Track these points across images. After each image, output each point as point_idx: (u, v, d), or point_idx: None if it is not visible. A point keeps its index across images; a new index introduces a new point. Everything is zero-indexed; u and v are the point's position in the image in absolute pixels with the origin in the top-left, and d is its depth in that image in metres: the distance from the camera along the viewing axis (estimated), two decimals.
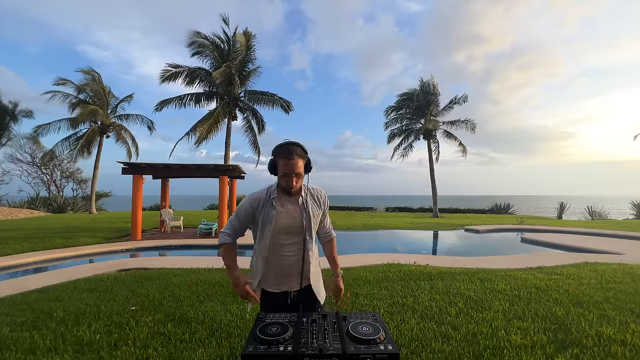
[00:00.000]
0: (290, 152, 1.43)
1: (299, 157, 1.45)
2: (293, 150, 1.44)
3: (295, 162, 1.44)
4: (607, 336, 2.63)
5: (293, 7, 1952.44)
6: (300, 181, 1.52)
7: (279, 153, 1.46)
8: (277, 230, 1.51)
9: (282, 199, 1.55)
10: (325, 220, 1.71)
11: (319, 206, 1.62)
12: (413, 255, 6.56)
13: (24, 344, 2.57)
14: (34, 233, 9.70)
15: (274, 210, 1.50)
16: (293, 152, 1.44)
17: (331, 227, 1.76)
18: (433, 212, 19.73)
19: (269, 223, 1.50)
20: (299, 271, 1.54)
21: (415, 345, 2.52)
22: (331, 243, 1.75)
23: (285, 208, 1.53)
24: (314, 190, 1.64)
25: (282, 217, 1.51)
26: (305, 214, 1.54)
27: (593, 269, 5.09)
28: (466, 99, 19.76)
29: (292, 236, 1.53)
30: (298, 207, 1.55)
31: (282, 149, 1.46)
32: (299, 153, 1.46)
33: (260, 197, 1.55)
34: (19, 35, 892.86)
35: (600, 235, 10.28)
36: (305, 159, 1.51)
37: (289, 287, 1.54)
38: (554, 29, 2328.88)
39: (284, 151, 1.44)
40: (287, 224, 1.52)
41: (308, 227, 1.53)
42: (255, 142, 17.25)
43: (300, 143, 1.49)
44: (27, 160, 28.72)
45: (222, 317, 3.11)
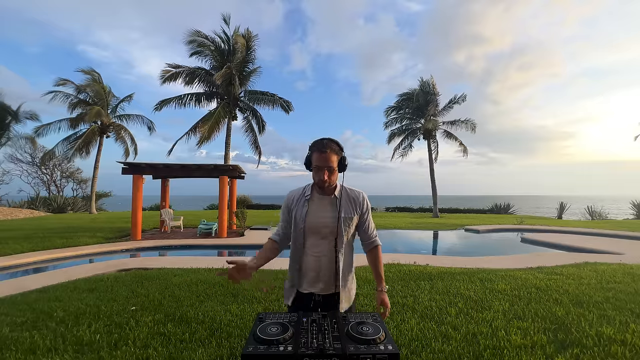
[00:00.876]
0: (324, 145, 1.44)
1: (332, 152, 1.44)
2: (327, 144, 1.45)
3: (328, 155, 1.43)
4: (607, 336, 2.63)
5: (293, 6, 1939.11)
6: (334, 177, 1.48)
7: (314, 146, 1.46)
8: (307, 229, 1.48)
9: (315, 197, 1.52)
10: (367, 225, 1.59)
11: (355, 208, 1.53)
12: (413, 255, 6.56)
13: (24, 344, 2.57)
14: (34, 233, 9.70)
15: (305, 207, 1.49)
16: (327, 146, 1.44)
17: (375, 233, 1.62)
18: (433, 212, 19.73)
19: (301, 221, 1.48)
20: (326, 275, 1.48)
21: (415, 345, 2.52)
22: (375, 252, 1.60)
23: (317, 207, 1.50)
24: (352, 192, 1.56)
25: (312, 215, 1.48)
26: (335, 214, 1.48)
27: (593, 269, 5.09)
28: (465, 99, 19.77)
29: (322, 237, 1.48)
30: (330, 207, 1.51)
31: (317, 142, 1.47)
32: (334, 148, 1.45)
33: (296, 194, 1.55)
34: (19, 35, 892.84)
35: (600, 235, 10.28)
36: (340, 155, 1.48)
37: (314, 289, 1.49)
38: (554, 29, 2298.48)
39: (319, 144, 1.45)
40: (317, 224, 1.48)
41: (339, 228, 1.47)
42: (255, 142, 17.25)
43: (337, 140, 1.49)
44: (27, 160, 28.75)
45: (222, 317, 3.11)
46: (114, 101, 21.70)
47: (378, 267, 1.59)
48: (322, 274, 1.48)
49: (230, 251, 8.57)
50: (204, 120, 15.13)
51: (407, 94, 20.80)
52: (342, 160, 1.49)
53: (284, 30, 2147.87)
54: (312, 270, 1.49)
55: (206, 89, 16.18)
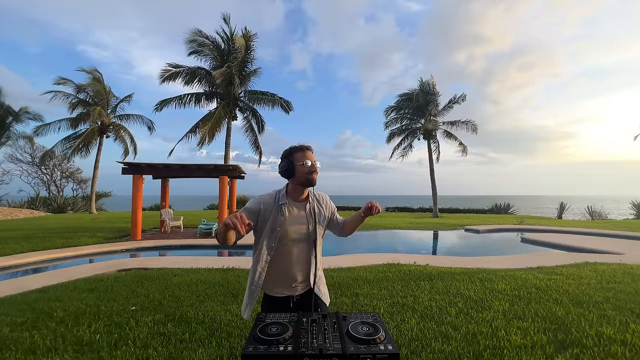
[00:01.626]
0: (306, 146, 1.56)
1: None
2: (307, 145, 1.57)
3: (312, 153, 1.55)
4: (607, 336, 2.63)
5: (294, 6, 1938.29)
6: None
7: (296, 149, 1.55)
8: (285, 236, 1.50)
9: (290, 204, 1.56)
10: (335, 216, 1.73)
11: (325, 210, 1.66)
12: (413, 255, 6.56)
13: (24, 344, 2.57)
14: (34, 233, 9.70)
15: (282, 216, 1.51)
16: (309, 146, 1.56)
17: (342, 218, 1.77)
18: (433, 212, 19.73)
19: (277, 228, 1.49)
20: (303, 276, 1.54)
21: (415, 345, 2.52)
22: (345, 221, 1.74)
23: (293, 214, 1.54)
24: (319, 196, 1.68)
25: (290, 223, 1.51)
26: (312, 220, 1.56)
27: (593, 269, 5.09)
28: (465, 98, 19.75)
29: (299, 242, 1.53)
30: (306, 213, 1.57)
31: (298, 145, 1.56)
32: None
33: (270, 201, 1.55)
34: (19, 35, 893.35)
35: (600, 235, 10.28)
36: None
37: (292, 292, 1.54)
38: (555, 29, 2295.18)
39: (301, 146, 1.55)
40: (295, 231, 1.52)
41: (315, 234, 1.55)
42: (255, 142, 17.26)
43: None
44: (27, 160, 28.76)
45: (222, 317, 3.11)
46: (114, 101, 21.71)
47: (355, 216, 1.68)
48: (297, 276, 1.53)
49: (230, 251, 8.57)
50: (204, 120, 15.13)
51: (407, 94, 20.79)
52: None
53: (285, 30, 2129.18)
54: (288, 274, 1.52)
55: (206, 89, 16.19)
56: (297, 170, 1.52)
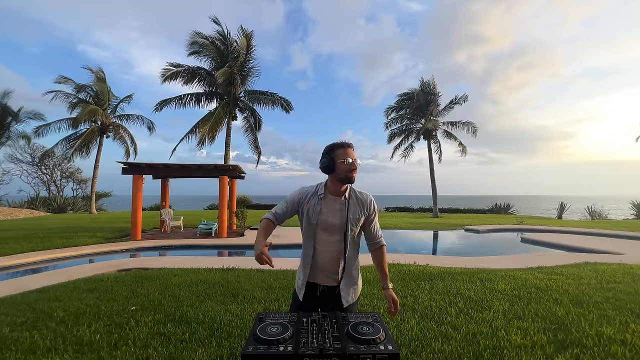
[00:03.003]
0: (348, 143, 1.58)
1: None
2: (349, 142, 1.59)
3: (353, 150, 1.57)
4: (607, 336, 2.63)
5: (294, 6, 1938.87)
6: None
7: (338, 146, 1.57)
8: (320, 224, 1.57)
9: (327, 197, 1.61)
10: (373, 226, 1.68)
11: (362, 210, 1.62)
12: (413, 255, 6.55)
13: (24, 344, 2.57)
14: (34, 233, 9.70)
15: (318, 207, 1.58)
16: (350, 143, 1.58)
17: (380, 234, 1.72)
18: (433, 212, 19.72)
19: (313, 218, 1.57)
20: (332, 268, 1.59)
21: (415, 345, 2.52)
22: (380, 251, 1.70)
23: (328, 206, 1.59)
24: (361, 194, 1.66)
25: (324, 214, 1.57)
26: (345, 214, 1.57)
27: (593, 269, 5.09)
28: (466, 99, 19.71)
29: (332, 235, 1.58)
30: (341, 207, 1.59)
31: (340, 142, 1.58)
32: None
33: (309, 191, 1.63)
34: (19, 35, 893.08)
35: (600, 235, 10.28)
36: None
37: (320, 280, 1.60)
38: (555, 29, 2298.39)
39: (342, 142, 1.58)
40: (328, 222, 1.57)
41: (346, 227, 1.56)
42: (255, 142, 17.25)
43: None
44: (27, 160, 28.75)
45: (222, 317, 3.11)
46: (114, 101, 21.71)
47: (383, 266, 1.69)
48: (328, 267, 1.59)
49: (230, 251, 8.57)
50: (204, 120, 15.12)
51: (407, 94, 20.78)
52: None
53: (285, 30, 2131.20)
54: (320, 263, 1.60)
55: (206, 89, 16.19)
56: (337, 167, 1.55)
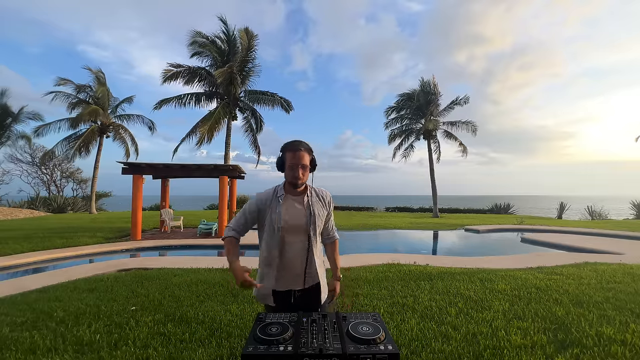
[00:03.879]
0: (296, 145, 1.55)
1: (305, 151, 1.55)
2: (299, 143, 1.56)
3: (302, 154, 1.54)
4: (607, 336, 2.63)
5: (295, 6, 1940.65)
6: (306, 175, 1.58)
7: (287, 147, 1.57)
8: (284, 228, 1.54)
9: (288, 198, 1.59)
10: (330, 221, 1.73)
11: (324, 206, 1.66)
12: (413, 255, 6.55)
13: (24, 344, 2.57)
14: (34, 233, 9.70)
15: (279, 209, 1.55)
16: (299, 145, 1.55)
17: (335, 229, 1.79)
18: (433, 212, 19.72)
19: (277, 221, 1.54)
20: (303, 270, 1.57)
21: (415, 345, 2.52)
22: (334, 245, 1.77)
23: (291, 206, 1.58)
24: (320, 191, 1.69)
25: (289, 215, 1.55)
26: (310, 212, 1.58)
27: (593, 269, 5.09)
28: (467, 101, 19.70)
29: (297, 235, 1.56)
30: (304, 206, 1.59)
31: (289, 143, 1.57)
32: (305, 147, 1.57)
33: (268, 196, 1.60)
34: (20, 35, 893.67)
35: (600, 235, 10.28)
36: (311, 155, 1.60)
37: (292, 286, 1.57)
38: (556, 29, 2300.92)
39: (291, 144, 1.56)
40: (293, 223, 1.55)
41: (313, 226, 1.57)
42: (255, 142, 17.26)
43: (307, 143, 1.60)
44: (27, 160, 28.75)
45: (222, 317, 3.11)
46: (114, 101, 21.69)
47: (336, 258, 1.76)
48: (298, 270, 1.56)
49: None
50: (204, 120, 15.13)
51: (407, 94, 20.78)
52: (312, 161, 1.60)
53: (286, 30, 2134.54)
54: (288, 268, 1.56)
55: (206, 88, 16.19)
56: (285, 169, 1.57)
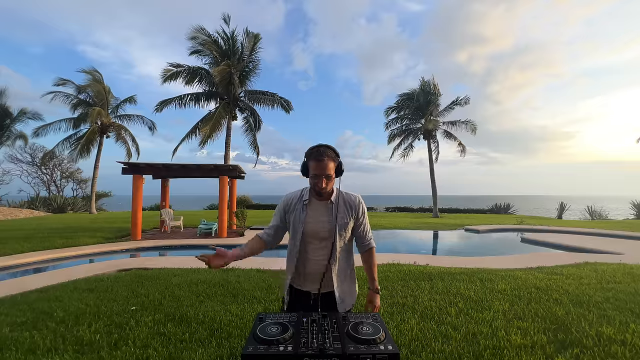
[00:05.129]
0: (321, 153, 1.46)
1: (329, 159, 1.46)
2: (324, 151, 1.46)
3: (326, 163, 1.45)
4: (607, 336, 2.63)
5: (295, 5, 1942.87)
6: (331, 183, 1.51)
7: (311, 155, 1.48)
8: (306, 232, 1.52)
9: (313, 202, 1.56)
10: (363, 228, 1.62)
11: (351, 213, 1.57)
12: (413, 255, 6.55)
13: (24, 344, 2.57)
14: (34, 233, 9.70)
15: (304, 212, 1.53)
16: (324, 154, 1.45)
17: (370, 236, 1.66)
18: (433, 212, 19.73)
19: (299, 225, 1.52)
20: (322, 277, 1.52)
21: (415, 345, 2.52)
22: (369, 254, 1.65)
23: (315, 211, 1.54)
24: (347, 196, 1.59)
25: (311, 220, 1.52)
26: (333, 219, 1.52)
27: (593, 269, 5.09)
28: (468, 101, 19.73)
29: (321, 240, 1.52)
30: (327, 212, 1.54)
31: (314, 150, 1.48)
32: (330, 155, 1.47)
33: (294, 198, 1.58)
34: (21, 35, 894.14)
35: (600, 235, 10.27)
36: (337, 162, 1.51)
37: (310, 288, 1.55)
38: (556, 29, 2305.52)
39: (315, 152, 1.47)
40: (316, 228, 1.52)
41: (335, 232, 1.51)
42: (254, 142, 17.26)
43: (332, 146, 1.50)
44: (27, 160, 28.76)
45: (222, 317, 3.11)
46: (114, 101, 21.69)
47: (372, 269, 1.66)
48: (318, 276, 1.53)
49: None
50: (205, 120, 15.13)
51: (407, 94, 20.78)
52: (339, 166, 1.51)
53: (286, 30, 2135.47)
54: (309, 272, 1.54)
55: (206, 88, 16.19)
56: (309, 178, 1.51)
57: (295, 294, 1.58)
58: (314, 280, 1.54)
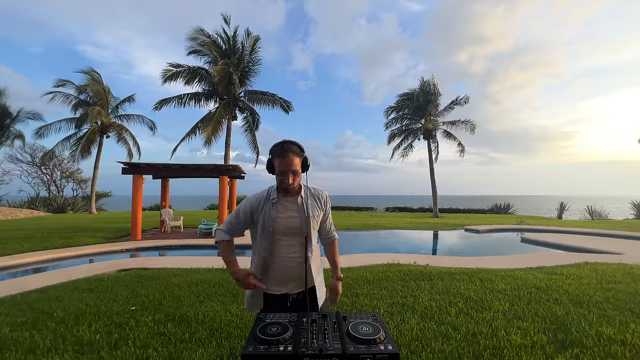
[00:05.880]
0: (285, 149, 1.45)
1: (294, 155, 1.46)
2: (288, 147, 1.45)
3: (290, 159, 1.44)
4: (607, 336, 2.63)
5: (295, 5, 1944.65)
6: (297, 179, 1.50)
7: (275, 152, 1.47)
8: (278, 231, 1.50)
9: (281, 199, 1.55)
10: (327, 221, 1.68)
11: (320, 206, 1.60)
12: (413, 255, 6.55)
13: (24, 344, 2.57)
14: (34, 233, 9.70)
15: (273, 211, 1.51)
16: (287, 150, 1.45)
17: (333, 228, 1.74)
18: (433, 212, 19.73)
19: (270, 222, 1.50)
20: (300, 273, 1.52)
21: (415, 345, 2.52)
22: (333, 245, 1.72)
23: (285, 208, 1.53)
24: (315, 190, 1.62)
25: (282, 217, 1.51)
26: (304, 214, 1.52)
27: (593, 269, 5.09)
28: (467, 101, 19.75)
29: (293, 237, 1.52)
30: (297, 207, 1.54)
31: (277, 147, 1.47)
32: (294, 150, 1.46)
33: (261, 198, 1.56)
34: (21, 35, 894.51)
35: (600, 235, 10.27)
36: (302, 157, 1.50)
37: (288, 289, 1.53)
38: (556, 30, 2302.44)
39: (279, 149, 1.46)
40: (287, 225, 1.51)
41: (308, 227, 1.51)
42: (254, 141, 17.26)
43: (297, 142, 1.49)
44: (27, 160, 28.77)
45: (222, 317, 3.11)
46: (114, 101, 21.69)
47: (335, 258, 1.70)
48: (293, 273, 1.52)
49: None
50: (206, 121, 15.13)
51: (407, 94, 20.79)
52: (304, 161, 1.51)
53: (286, 30, 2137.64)
54: (282, 270, 1.52)
55: (206, 88, 16.19)
56: (275, 175, 1.50)
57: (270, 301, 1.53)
58: (289, 280, 1.52)
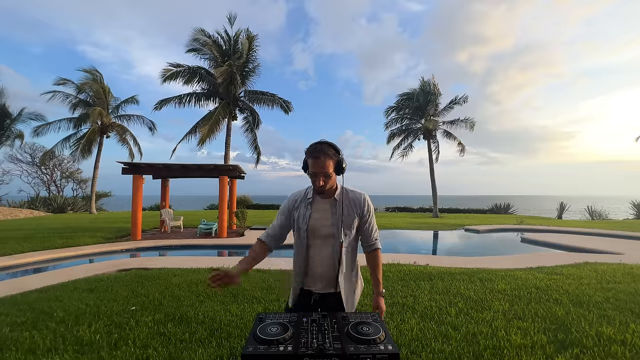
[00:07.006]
0: (317, 150, 1.42)
1: (326, 157, 1.41)
2: (321, 149, 1.42)
3: (322, 161, 1.40)
4: (607, 336, 2.63)
5: (296, 5, 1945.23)
6: (330, 182, 1.46)
7: (308, 152, 1.45)
8: (310, 230, 1.50)
9: (317, 199, 1.54)
10: (368, 227, 1.57)
11: (356, 210, 1.52)
12: (413, 255, 6.55)
13: (24, 344, 2.57)
14: (34, 233, 9.70)
15: (308, 211, 1.51)
16: (320, 151, 1.41)
17: (375, 236, 1.61)
18: (433, 212, 19.73)
19: (303, 222, 1.50)
20: (326, 276, 1.50)
21: (415, 345, 2.52)
22: (374, 256, 1.59)
23: (318, 209, 1.52)
24: (352, 194, 1.55)
25: (314, 218, 1.50)
26: (337, 216, 1.48)
27: (593, 269, 5.09)
28: (466, 100, 19.79)
29: (324, 239, 1.50)
30: (331, 210, 1.51)
31: (311, 147, 1.44)
32: (328, 152, 1.42)
33: (299, 196, 1.57)
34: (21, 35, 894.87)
35: (600, 235, 10.28)
36: (336, 159, 1.45)
37: (314, 288, 1.52)
38: (556, 30, 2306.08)
39: (312, 150, 1.43)
40: (318, 226, 1.49)
41: (338, 231, 1.47)
42: (255, 142, 17.25)
43: (333, 143, 1.45)
44: (27, 160, 28.78)
45: (222, 317, 3.11)
46: (114, 101, 21.68)
47: (376, 270, 1.59)
48: (322, 275, 1.50)
49: (230, 251, 8.57)
50: (204, 120, 15.13)
51: (407, 93, 20.80)
52: (339, 163, 1.46)
53: (287, 30, 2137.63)
54: (314, 270, 1.51)
55: (206, 88, 16.19)
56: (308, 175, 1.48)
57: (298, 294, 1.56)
58: (318, 279, 1.52)
